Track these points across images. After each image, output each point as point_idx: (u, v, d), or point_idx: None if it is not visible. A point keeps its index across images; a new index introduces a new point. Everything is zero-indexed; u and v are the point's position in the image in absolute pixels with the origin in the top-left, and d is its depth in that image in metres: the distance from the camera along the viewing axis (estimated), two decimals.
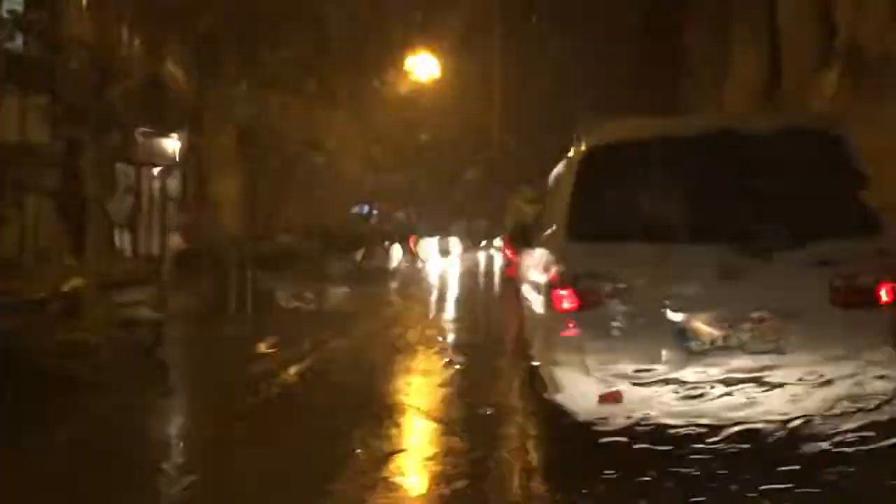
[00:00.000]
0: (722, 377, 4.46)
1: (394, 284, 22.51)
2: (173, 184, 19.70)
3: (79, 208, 14.98)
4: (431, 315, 15.35)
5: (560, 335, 4.76)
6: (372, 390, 7.60)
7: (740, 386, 4.44)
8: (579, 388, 4.62)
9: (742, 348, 4.50)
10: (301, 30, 27.95)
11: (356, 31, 31.94)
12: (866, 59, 12.59)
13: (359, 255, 23.44)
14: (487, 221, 47.37)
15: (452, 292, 19.48)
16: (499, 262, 23.51)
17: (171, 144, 18.96)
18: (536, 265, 5.87)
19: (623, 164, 4.81)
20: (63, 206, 14.45)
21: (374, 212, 38.47)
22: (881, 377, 4.45)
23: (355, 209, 34.22)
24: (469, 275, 25.53)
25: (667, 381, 4.47)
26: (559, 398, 4.80)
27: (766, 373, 4.45)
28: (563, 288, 4.72)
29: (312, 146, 29.62)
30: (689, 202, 4.56)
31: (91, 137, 15.71)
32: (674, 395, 4.47)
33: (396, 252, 29.47)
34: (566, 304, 4.69)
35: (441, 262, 31.13)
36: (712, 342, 4.52)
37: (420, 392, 7.76)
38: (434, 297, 18.31)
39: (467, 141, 45.75)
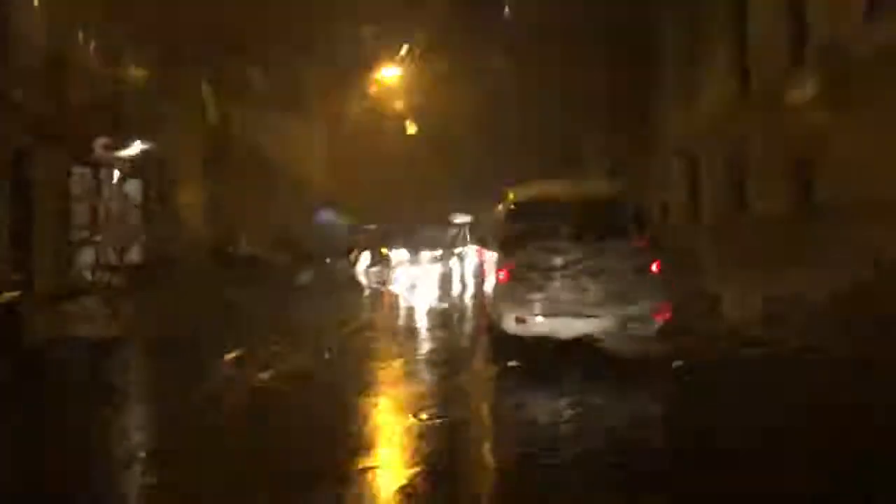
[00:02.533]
0: (576, 309, 8.70)
1: (364, 292, 22.01)
2: (134, 190, 19.01)
3: (29, 219, 14.31)
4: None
5: (499, 291, 9.26)
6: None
7: (587, 312, 8.67)
8: (507, 316, 8.99)
9: (587, 293, 8.71)
10: (267, 38, 27.52)
11: (325, 40, 31.50)
12: (843, 59, 12.41)
13: (326, 262, 22.86)
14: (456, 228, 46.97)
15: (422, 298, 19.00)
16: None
17: (132, 149, 18.29)
18: (490, 258, 10.69)
19: (530, 207, 9.60)
20: (14, 219, 13.73)
21: (341, 221, 37.81)
22: (650, 306, 8.70)
23: (320, 218, 33.50)
24: (440, 280, 24.99)
25: (549, 312, 8.80)
26: (497, 321, 9.27)
27: (598, 305, 8.67)
28: (500, 269, 9.23)
29: (280, 154, 29.10)
30: (560, 226, 9.06)
31: (44, 144, 15.06)
32: (553, 318, 8.78)
33: (364, 260, 28.88)
34: (501, 277, 9.15)
35: (411, 270, 30.46)
36: (571, 291, 8.75)
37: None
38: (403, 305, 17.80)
39: (439, 151, 45.46)
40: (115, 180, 18.03)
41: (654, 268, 8.76)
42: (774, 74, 15.34)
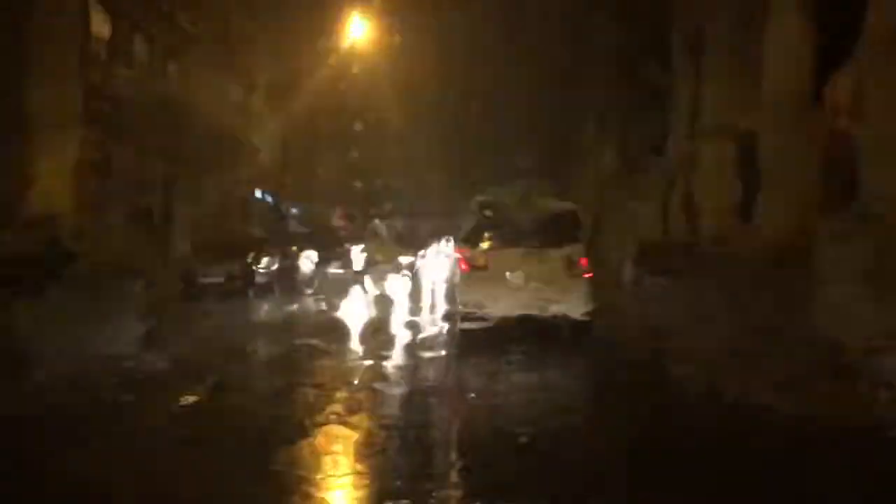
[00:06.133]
0: (525, 296, 10.85)
1: None
2: None
3: None
4: None
5: (461, 277, 11.70)
6: None
7: (534, 299, 10.80)
8: (466, 296, 11.38)
9: (534, 285, 10.92)
10: None
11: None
12: None
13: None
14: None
15: None
16: None
17: None
18: (456, 251, 13.51)
19: (491, 210, 11.98)
20: None
21: (294, 210, 31.82)
22: (569, 294, 10.92)
23: (257, 196, 27.21)
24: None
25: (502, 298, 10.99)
26: (459, 299, 11.68)
27: (544, 294, 10.84)
28: (462, 261, 11.66)
29: (205, 116, 23.03)
30: (515, 228, 11.53)
31: None
32: (505, 302, 10.94)
33: (310, 260, 22.80)
34: (463, 267, 11.55)
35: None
36: (521, 282, 10.96)
37: None
38: None
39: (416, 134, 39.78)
40: None
41: (581, 262, 11.24)
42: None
